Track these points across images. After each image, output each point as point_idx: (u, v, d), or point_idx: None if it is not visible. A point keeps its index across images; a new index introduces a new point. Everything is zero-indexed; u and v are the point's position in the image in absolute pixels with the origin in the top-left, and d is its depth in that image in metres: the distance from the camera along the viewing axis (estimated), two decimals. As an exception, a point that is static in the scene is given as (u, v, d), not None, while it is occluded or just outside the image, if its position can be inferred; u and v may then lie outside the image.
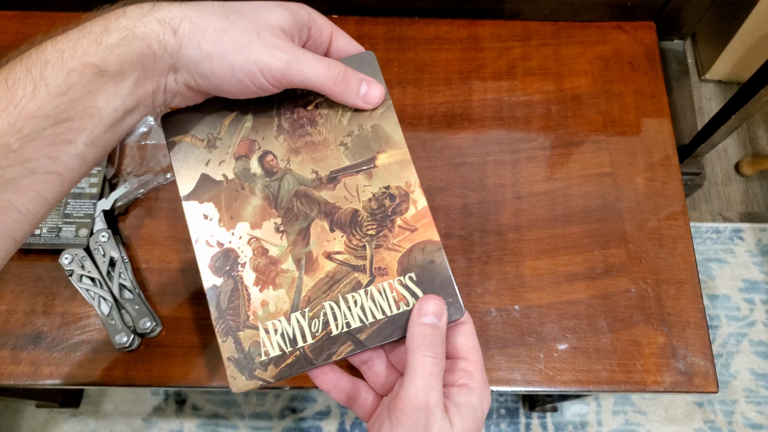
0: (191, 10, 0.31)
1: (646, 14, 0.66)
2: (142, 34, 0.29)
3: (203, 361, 0.51)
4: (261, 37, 0.31)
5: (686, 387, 0.51)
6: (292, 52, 0.32)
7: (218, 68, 0.31)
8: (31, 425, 1.03)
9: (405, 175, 0.35)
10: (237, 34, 0.31)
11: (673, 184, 0.59)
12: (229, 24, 0.31)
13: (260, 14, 0.32)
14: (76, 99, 0.28)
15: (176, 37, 0.30)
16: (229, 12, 0.32)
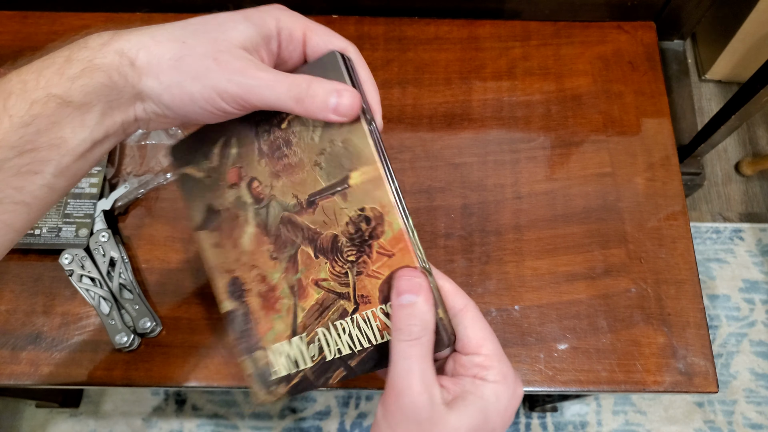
0: (149, 39, 0.30)
1: (646, 14, 0.66)
2: (102, 65, 0.29)
3: (203, 361, 0.51)
4: (219, 62, 0.30)
5: (686, 387, 0.51)
6: (251, 76, 0.30)
7: (179, 98, 0.30)
8: (31, 425, 1.03)
9: (378, 195, 0.32)
10: (194, 61, 0.30)
11: (673, 184, 0.58)
12: (187, 50, 0.30)
13: (221, 34, 0.31)
14: (41, 130, 0.28)
15: (135, 69, 0.29)
16: (188, 35, 0.30)
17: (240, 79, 0.30)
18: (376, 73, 0.62)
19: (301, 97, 0.30)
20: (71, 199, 0.54)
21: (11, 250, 0.53)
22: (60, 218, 0.53)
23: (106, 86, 0.29)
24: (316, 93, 0.31)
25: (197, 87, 0.30)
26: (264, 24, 0.32)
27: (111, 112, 0.30)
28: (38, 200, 0.30)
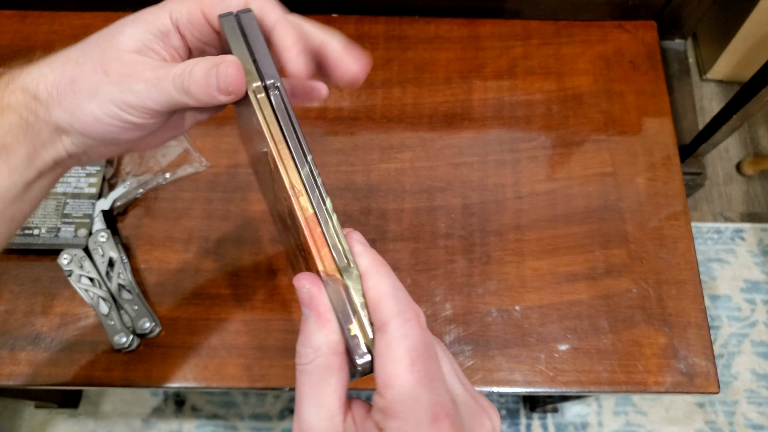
0: (46, 68, 0.28)
1: (647, 13, 0.66)
2: (11, 104, 0.28)
3: (203, 362, 0.50)
4: (108, 73, 0.27)
5: (687, 387, 0.51)
6: (137, 79, 0.27)
7: (86, 122, 0.28)
8: (30, 426, 1.03)
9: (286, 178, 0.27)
10: (85, 78, 0.28)
11: (675, 184, 0.58)
12: (78, 70, 0.28)
13: (108, 43, 0.28)
14: None
15: (40, 103, 0.28)
16: (80, 53, 0.29)
17: (130, 85, 0.27)
18: (376, 73, 0.62)
19: (185, 87, 0.27)
20: (70, 200, 0.54)
21: (10, 250, 0.54)
22: (59, 218, 0.53)
23: (20, 126, 0.28)
24: (196, 76, 0.27)
25: (95, 105, 0.28)
26: (156, 20, 0.29)
27: (37, 151, 0.29)
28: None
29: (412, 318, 0.24)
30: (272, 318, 0.52)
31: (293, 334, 0.51)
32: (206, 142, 0.59)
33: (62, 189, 0.54)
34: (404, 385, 0.22)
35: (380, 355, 0.23)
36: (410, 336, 0.23)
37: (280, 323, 0.52)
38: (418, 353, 0.23)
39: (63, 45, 0.63)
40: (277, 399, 1.06)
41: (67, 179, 0.54)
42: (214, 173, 0.58)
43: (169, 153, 0.58)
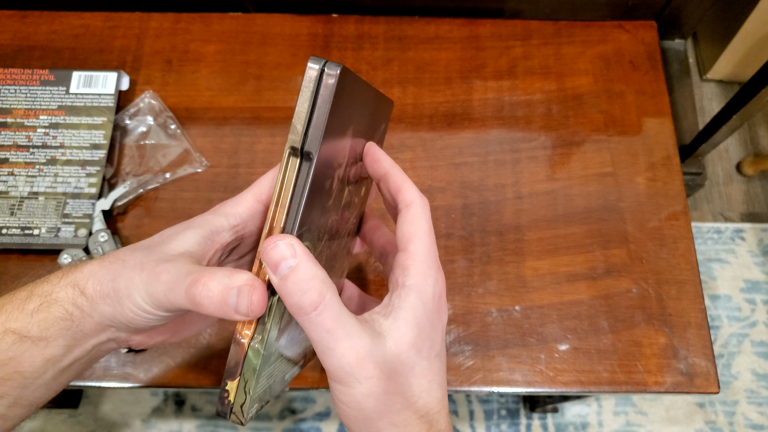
0: (97, 266, 0.29)
1: (647, 13, 0.66)
2: (59, 298, 0.29)
3: (203, 362, 0.50)
4: (143, 270, 0.28)
5: (687, 387, 0.51)
6: (160, 281, 0.27)
7: (126, 316, 0.29)
8: (30, 426, 1.03)
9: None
10: (125, 276, 0.28)
11: (675, 184, 0.58)
12: (121, 268, 0.29)
13: (160, 245, 0.29)
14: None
15: (87, 298, 0.29)
16: (130, 251, 0.29)
17: (155, 286, 0.28)
18: (376, 73, 0.62)
19: (196, 301, 0.27)
20: (70, 200, 0.54)
21: (10, 250, 0.54)
22: (59, 218, 0.53)
23: (64, 319, 0.29)
24: (212, 291, 0.26)
25: (130, 303, 0.28)
26: (208, 223, 0.30)
27: (77, 342, 0.30)
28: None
29: (427, 204, 0.31)
30: (272, 318, 0.52)
31: (293, 334, 0.51)
32: (206, 142, 0.59)
33: (62, 189, 0.54)
34: (426, 241, 0.30)
35: (408, 222, 0.30)
36: (428, 214, 0.31)
37: (280, 323, 0.52)
38: (431, 226, 0.31)
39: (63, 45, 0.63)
40: (276, 399, 1.06)
41: (67, 179, 0.54)
42: (214, 173, 0.58)
43: (169, 153, 0.58)
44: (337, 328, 0.26)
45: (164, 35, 0.63)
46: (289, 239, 0.26)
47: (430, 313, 0.29)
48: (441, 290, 0.30)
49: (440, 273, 0.30)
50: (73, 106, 0.57)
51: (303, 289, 0.25)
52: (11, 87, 0.58)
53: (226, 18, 0.65)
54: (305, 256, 0.26)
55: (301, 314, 0.25)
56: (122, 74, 0.60)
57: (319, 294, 0.25)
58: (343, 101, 0.27)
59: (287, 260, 0.25)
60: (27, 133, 0.56)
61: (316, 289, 0.25)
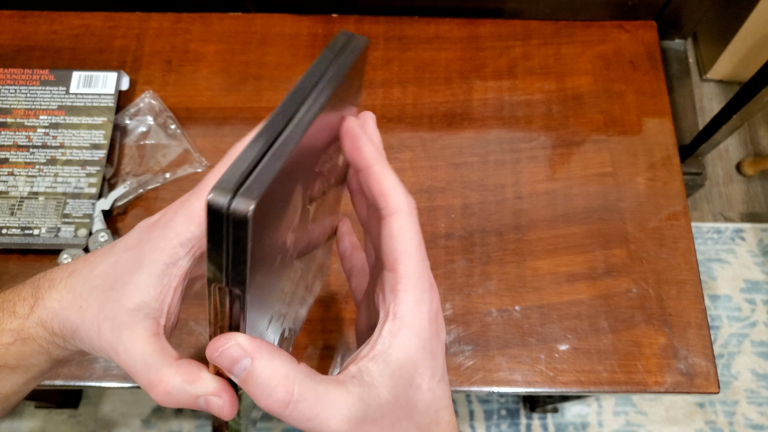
0: (56, 303, 0.28)
1: (647, 13, 0.66)
2: (32, 335, 0.29)
3: (203, 362, 0.50)
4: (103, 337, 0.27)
5: (687, 387, 0.51)
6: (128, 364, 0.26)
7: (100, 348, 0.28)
8: (30, 426, 1.03)
9: None
10: (85, 330, 0.27)
11: (675, 184, 0.58)
12: (79, 319, 0.27)
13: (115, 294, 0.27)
14: None
15: (58, 337, 0.28)
16: (86, 294, 0.28)
17: (114, 357, 0.27)
18: (376, 73, 0.62)
19: (158, 401, 0.26)
20: (70, 200, 0.54)
21: (10, 250, 0.54)
22: (59, 218, 0.53)
23: (42, 352, 0.29)
24: (173, 398, 0.25)
25: (96, 350, 0.28)
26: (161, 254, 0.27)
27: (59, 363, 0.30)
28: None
29: (414, 208, 0.26)
30: (272, 318, 0.52)
31: (293, 334, 0.51)
32: (206, 142, 0.59)
33: (62, 189, 0.54)
34: (416, 260, 0.25)
35: (395, 236, 0.25)
36: (416, 223, 0.26)
37: (280, 323, 0.52)
38: (420, 237, 0.26)
39: (63, 45, 0.63)
40: (277, 399, 1.06)
41: (67, 179, 0.54)
42: (214, 173, 0.58)
43: (169, 153, 0.58)
44: (320, 412, 0.23)
45: (164, 35, 0.63)
46: (232, 340, 0.23)
47: (427, 341, 0.25)
48: (437, 310, 0.26)
49: (434, 291, 0.26)
50: (73, 106, 0.57)
51: (266, 391, 0.23)
52: (11, 87, 0.58)
53: (226, 18, 0.65)
54: (258, 353, 0.23)
55: (276, 413, 0.23)
56: (122, 74, 0.60)
57: (286, 392, 0.23)
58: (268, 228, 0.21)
59: (239, 362, 0.23)
60: (27, 133, 0.56)
61: (281, 387, 0.23)
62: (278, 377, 0.23)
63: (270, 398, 0.23)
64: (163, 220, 0.27)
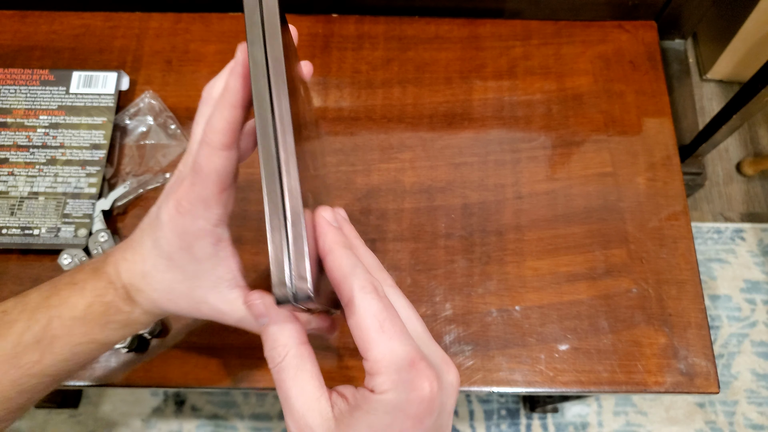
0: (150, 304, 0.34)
1: (647, 13, 0.66)
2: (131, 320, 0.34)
3: (203, 362, 0.50)
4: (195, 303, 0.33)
5: (687, 388, 0.51)
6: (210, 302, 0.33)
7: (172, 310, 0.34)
8: (30, 426, 1.03)
9: None
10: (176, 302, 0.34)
11: (675, 184, 0.58)
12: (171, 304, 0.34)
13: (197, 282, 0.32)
14: (80, 362, 0.34)
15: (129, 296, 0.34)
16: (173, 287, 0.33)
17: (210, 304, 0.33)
18: (376, 73, 0.62)
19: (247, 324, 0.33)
20: (70, 200, 0.54)
21: (10, 250, 0.53)
22: (59, 218, 0.53)
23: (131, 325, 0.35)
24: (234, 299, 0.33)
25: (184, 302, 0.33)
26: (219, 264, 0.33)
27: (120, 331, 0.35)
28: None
29: (371, 291, 0.26)
30: (272, 318, 0.52)
31: (293, 334, 0.51)
32: (206, 142, 0.59)
33: (62, 189, 0.54)
34: (379, 344, 0.25)
35: (355, 327, 0.26)
36: (372, 305, 0.26)
37: (280, 323, 0.52)
38: (383, 317, 0.26)
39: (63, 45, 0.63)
40: (277, 399, 1.06)
41: (67, 179, 0.54)
42: (214, 173, 0.58)
43: (170, 153, 0.58)
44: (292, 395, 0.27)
45: (164, 35, 0.63)
46: (259, 299, 0.30)
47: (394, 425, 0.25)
48: (431, 395, 0.25)
49: (428, 371, 0.25)
50: (73, 106, 0.57)
51: (268, 346, 0.29)
52: (11, 87, 0.58)
53: (226, 18, 0.65)
54: (275, 317, 0.29)
55: (269, 364, 0.29)
56: (122, 74, 0.60)
57: (279, 356, 0.28)
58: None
59: (262, 317, 0.30)
60: (27, 133, 0.56)
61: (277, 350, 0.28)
62: (279, 342, 0.28)
63: (267, 353, 0.29)
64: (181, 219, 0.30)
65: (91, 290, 0.33)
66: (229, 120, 0.28)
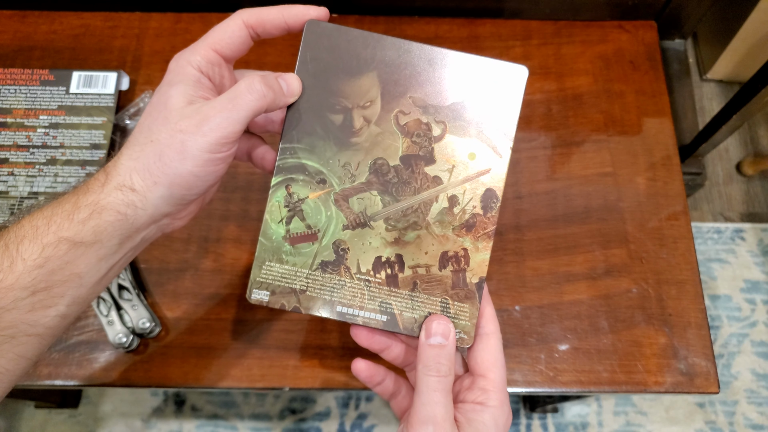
0: (130, 161, 0.31)
1: (647, 13, 0.66)
2: (108, 204, 0.31)
3: (202, 362, 0.50)
4: (185, 131, 0.31)
5: (687, 387, 0.51)
6: (212, 115, 0.31)
7: (188, 183, 0.32)
8: (30, 426, 1.03)
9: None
10: (169, 148, 0.31)
11: (675, 184, 0.58)
12: (158, 146, 0.31)
13: (165, 112, 0.31)
14: (54, 270, 0.30)
15: (138, 194, 0.31)
16: (146, 134, 0.32)
17: (209, 125, 0.31)
18: (376, 73, 0.62)
19: (265, 88, 0.33)
20: (70, 199, 0.54)
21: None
22: (59, 218, 0.53)
23: (117, 221, 0.31)
24: (270, 78, 0.33)
25: (189, 162, 0.31)
26: (185, 74, 0.32)
27: (129, 238, 0.32)
28: (50, 329, 0.31)
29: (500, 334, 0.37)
30: (272, 318, 0.52)
31: (293, 333, 0.51)
32: (206, 142, 0.59)
33: (62, 189, 0.54)
34: (501, 372, 0.35)
35: (486, 350, 0.35)
36: (501, 344, 0.36)
37: (280, 323, 0.52)
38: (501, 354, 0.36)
39: (63, 45, 0.63)
40: (277, 399, 1.06)
41: (67, 179, 0.54)
42: (214, 173, 0.58)
43: (169, 153, 0.58)
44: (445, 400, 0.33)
45: (164, 35, 0.63)
46: (450, 324, 0.35)
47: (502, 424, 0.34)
48: (507, 426, 0.34)
49: (510, 412, 0.35)
50: (73, 106, 0.57)
51: (440, 362, 0.34)
52: (11, 87, 0.58)
53: (226, 18, 0.65)
54: (453, 344, 0.35)
55: (426, 373, 0.33)
56: (122, 74, 0.60)
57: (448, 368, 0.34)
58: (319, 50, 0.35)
59: (440, 337, 0.34)
60: (27, 133, 0.56)
61: (446, 366, 0.34)
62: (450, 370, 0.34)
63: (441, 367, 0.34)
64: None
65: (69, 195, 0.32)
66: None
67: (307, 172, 0.36)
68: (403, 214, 0.36)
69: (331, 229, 0.36)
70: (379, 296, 0.36)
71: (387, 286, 0.36)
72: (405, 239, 0.36)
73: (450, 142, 0.36)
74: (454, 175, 0.36)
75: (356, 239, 0.36)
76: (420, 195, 0.36)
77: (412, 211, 0.36)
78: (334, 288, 0.36)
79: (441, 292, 0.36)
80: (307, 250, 0.36)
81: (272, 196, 0.36)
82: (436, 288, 0.36)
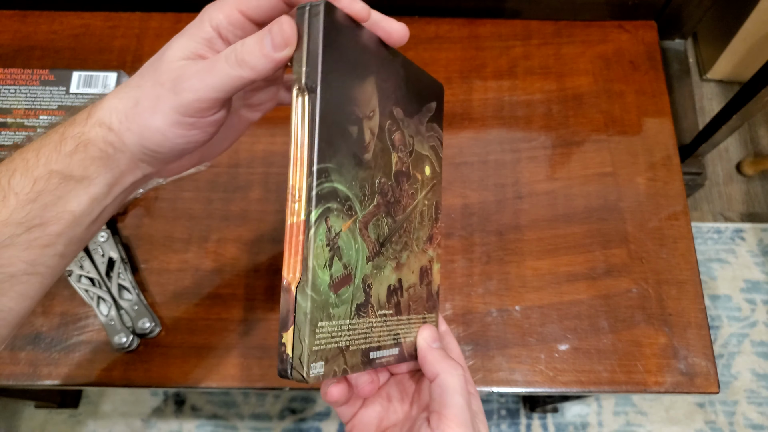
0: (115, 99, 0.30)
1: (647, 13, 0.66)
2: (91, 139, 0.30)
3: (202, 362, 0.50)
4: (163, 84, 0.29)
5: (687, 387, 0.51)
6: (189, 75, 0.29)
7: (154, 139, 0.30)
8: (30, 426, 1.03)
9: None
10: (146, 97, 0.29)
11: (675, 184, 0.58)
12: (140, 91, 0.30)
13: (159, 60, 0.30)
14: (47, 204, 0.29)
15: (115, 134, 0.30)
16: (139, 77, 0.30)
17: (182, 84, 0.29)
18: (376, 73, 0.62)
19: (239, 58, 0.28)
20: (70, 199, 0.54)
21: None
22: (59, 218, 0.53)
23: (101, 158, 0.30)
24: (248, 45, 0.28)
25: (159, 118, 0.29)
26: (198, 30, 0.30)
27: (117, 180, 0.31)
28: (50, 269, 0.31)
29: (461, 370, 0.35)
30: (272, 318, 0.52)
31: (293, 334, 0.51)
32: (206, 142, 0.59)
33: (62, 189, 0.54)
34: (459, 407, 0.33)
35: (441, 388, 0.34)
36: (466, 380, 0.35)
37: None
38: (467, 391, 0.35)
39: (63, 45, 0.63)
40: (277, 399, 1.06)
41: (67, 179, 0.54)
42: (214, 173, 0.58)
43: (169, 153, 0.58)
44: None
45: (164, 35, 0.63)
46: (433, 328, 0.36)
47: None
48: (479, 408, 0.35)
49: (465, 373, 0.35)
50: (73, 106, 0.57)
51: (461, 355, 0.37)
52: (11, 87, 0.58)
53: (226, 18, 0.65)
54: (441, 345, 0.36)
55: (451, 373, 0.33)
56: (122, 74, 0.60)
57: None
58: (340, 38, 0.28)
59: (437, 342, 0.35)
60: (27, 133, 0.56)
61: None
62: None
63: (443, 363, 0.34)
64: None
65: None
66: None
67: (338, 198, 0.28)
68: (399, 234, 0.34)
69: (359, 264, 0.30)
70: (392, 328, 0.33)
71: (395, 315, 0.33)
72: (401, 261, 0.34)
73: (416, 156, 0.35)
74: (422, 189, 0.36)
75: (375, 271, 0.32)
76: (406, 213, 0.34)
77: (404, 230, 0.34)
78: (367, 333, 0.31)
79: (422, 308, 0.36)
80: (345, 295, 0.29)
81: (315, 236, 0.27)
82: (419, 305, 0.36)
